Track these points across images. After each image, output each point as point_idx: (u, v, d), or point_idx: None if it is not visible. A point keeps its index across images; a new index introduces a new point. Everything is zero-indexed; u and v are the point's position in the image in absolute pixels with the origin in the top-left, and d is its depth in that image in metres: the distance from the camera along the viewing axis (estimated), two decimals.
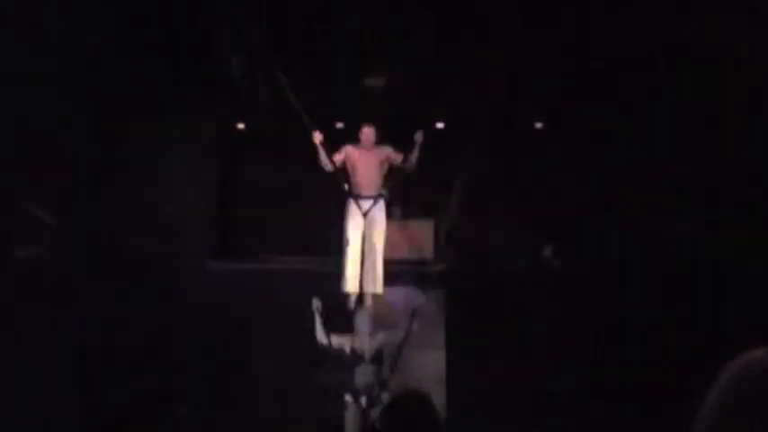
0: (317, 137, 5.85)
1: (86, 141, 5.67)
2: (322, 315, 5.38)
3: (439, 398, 5.40)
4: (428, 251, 7.34)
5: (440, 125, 7.25)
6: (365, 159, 5.97)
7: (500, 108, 7.24)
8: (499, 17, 6.34)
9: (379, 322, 5.63)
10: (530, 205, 7.38)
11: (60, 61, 5.21)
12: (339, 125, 7.01)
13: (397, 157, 5.98)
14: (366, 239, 5.90)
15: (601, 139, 6.71)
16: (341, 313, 5.65)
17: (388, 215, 6.20)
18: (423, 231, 7.39)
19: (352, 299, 5.87)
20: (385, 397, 5.15)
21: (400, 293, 6.24)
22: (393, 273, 6.16)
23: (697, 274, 5.40)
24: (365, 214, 5.88)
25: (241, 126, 7.73)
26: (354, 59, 6.95)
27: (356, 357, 5.34)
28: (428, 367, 5.94)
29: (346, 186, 5.96)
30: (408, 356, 5.69)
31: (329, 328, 5.39)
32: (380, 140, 6.12)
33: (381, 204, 5.99)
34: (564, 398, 5.40)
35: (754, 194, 5.19)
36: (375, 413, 5.05)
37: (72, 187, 5.51)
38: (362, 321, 5.55)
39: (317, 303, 5.39)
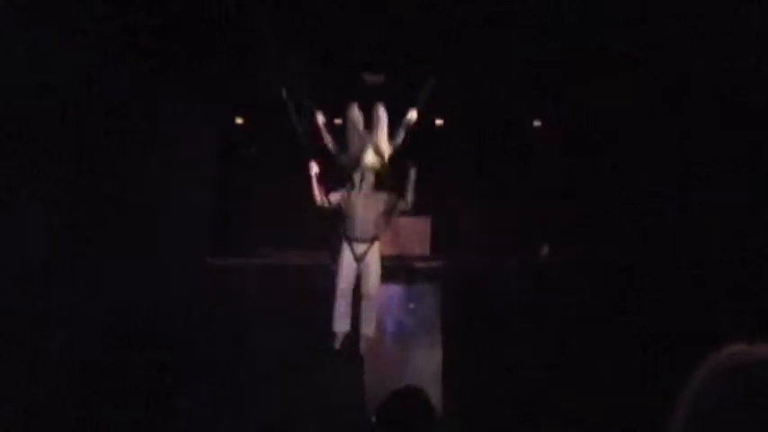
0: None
1: (85, 139, 5.64)
2: (318, 179, 5.76)
3: (435, 396, 5.39)
4: (425, 248, 7.34)
5: (439, 122, 7.24)
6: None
7: (500, 108, 7.23)
8: (499, 16, 6.32)
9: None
10: (528, 205, 7.37)
11: (60, 60, 5.18)
12: (337, 121, 6.99)
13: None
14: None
15: (600, 138, 6.69)
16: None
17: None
18: (419, 228, 7.38)
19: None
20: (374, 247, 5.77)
21: (396, 290, 6.25)
22: (390, 269, 6.15)
23: (697, 273, 5.39)
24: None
25: (239, 121, 7.71)
26: (355, 56, 6.93)
27: (351, 210, 5.80)
28: (425, 365, 5.93)
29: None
30: (405, 355, 5.70)
31: (325, 188, 5.80)
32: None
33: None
34: (562, 397, 5.39)
35: (755, 194, 5.17)
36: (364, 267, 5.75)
37: (70, 185, 5.48)
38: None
39: (314, 167, 5.73)
